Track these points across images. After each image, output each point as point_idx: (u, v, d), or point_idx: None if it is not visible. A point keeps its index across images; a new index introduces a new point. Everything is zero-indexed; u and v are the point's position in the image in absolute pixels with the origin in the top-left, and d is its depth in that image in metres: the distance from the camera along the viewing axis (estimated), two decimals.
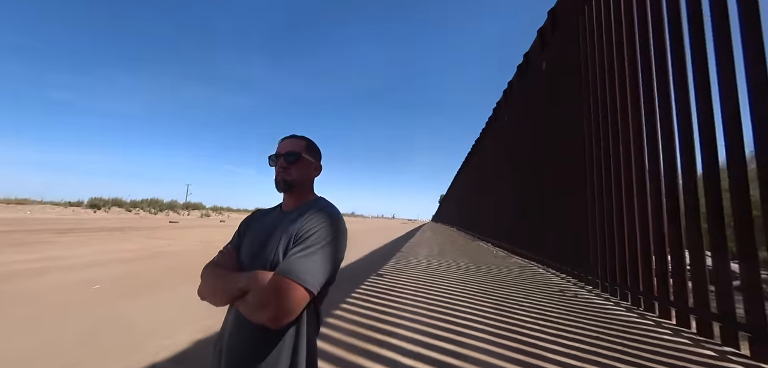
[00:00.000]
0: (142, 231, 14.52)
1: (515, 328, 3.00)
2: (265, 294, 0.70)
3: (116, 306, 3.62)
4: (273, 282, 0.71)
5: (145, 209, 36.50)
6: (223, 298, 0.77)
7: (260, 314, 0.70)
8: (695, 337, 2.99)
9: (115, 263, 6.45)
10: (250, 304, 0.71)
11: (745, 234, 2.69)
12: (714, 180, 3.02)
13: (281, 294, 0.70)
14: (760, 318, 2.53)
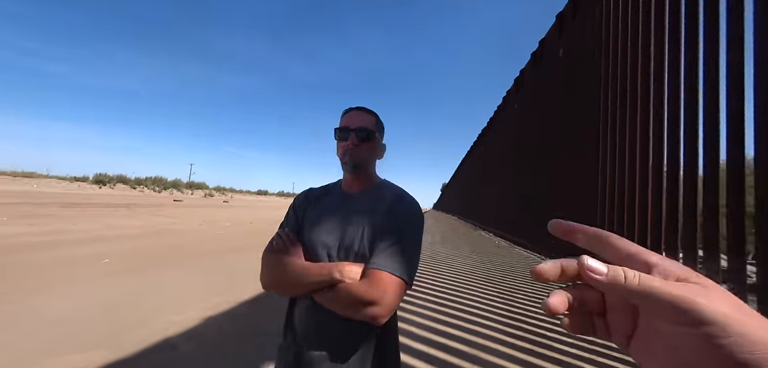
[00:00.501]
0: (148, 209, 14.67)
1: (522, 318, 3.01)
2: (371, 290, 0.65)
3: (126, 280, 3.67)
4: (379, 277, 0.66)
5: (149, 187, 36.86)
6: (299, 290, 0.71)
7: (362, 310, 0.65)
8: None
9: (123, 239, 6.53)
10: (346, 299, 0.66)
11: (763, 236, 2.64)
12: (738, 178, 2.94)
13: (388, 289, 0.66)
14: None
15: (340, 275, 0.67)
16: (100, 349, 2.11)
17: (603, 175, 5.23)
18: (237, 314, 2.89)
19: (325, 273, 0.68)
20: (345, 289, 0.66)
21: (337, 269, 0.68)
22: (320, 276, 0.68)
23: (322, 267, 0.69)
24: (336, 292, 0.66)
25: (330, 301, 0.67)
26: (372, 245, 0.72)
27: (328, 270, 0.68)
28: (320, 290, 0.68)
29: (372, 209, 0.76)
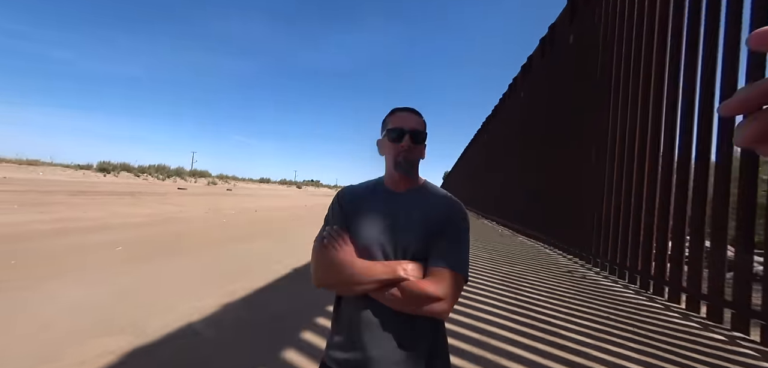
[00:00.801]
0: (152, 197, 14.81)
1: (528, 306, 3.09)
2: (437, 288, 0.69)
3: (139, 268, 3.76)
4: (443, 275, 0.70)
5: (152, 175, 37.03)
6: (361, 289, 0.72)
7: (427, 306, 0.68)
8: (705, 322, 3.06)
9: (131, 227, 6.64)
10: (413, 297, 0.69)
11: None
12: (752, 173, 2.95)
13: (452, 286, 0.70)
14: None
15: (405, 273, 0.70)
16: (126, 334, 2.20)
17: (610, 164, 5.22)
18: (253, 301, 2.98)
19: (389, 272, 0.71)
20: (412, 287, 0.69)
21: (402, 268, 0.71)
22: (385, 275, 0.70)
23: (387, 266, 0.72)
24: (402, 290, 0.69)
25: (393, 299, 0.70)
26: (428, 244, 0.75)
27: (392, 269, 0.71)
28: (381, 288, 0.71)
29: (423, 209, 0.78)
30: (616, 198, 4.85)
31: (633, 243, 4.44)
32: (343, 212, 0.83)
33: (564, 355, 2.12)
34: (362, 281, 0.71)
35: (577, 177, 6.13)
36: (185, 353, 2.01)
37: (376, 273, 0.71)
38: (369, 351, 0.72)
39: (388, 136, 0.81)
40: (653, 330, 2.69)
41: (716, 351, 2.39)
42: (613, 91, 5.11)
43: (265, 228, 8.22)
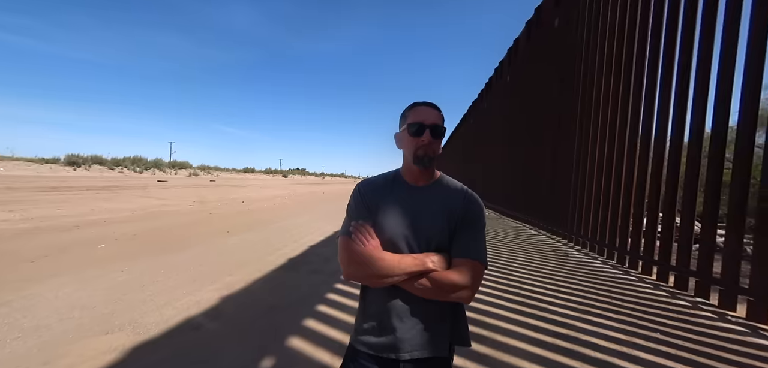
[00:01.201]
0: (131, 191, 14.16)
1: (516, 284, 3.28)
2: (463, 277, 0.75)
3: (129, 265, 3.67)
4: (468, 265, 0.77)
5: (128, 167, 35.14)
6: (391, 280, 0.76)
7: (453, 294, 0.75)
8: (672, 290, 3.37)
9: (112, 223, 6.38)
10: (441, 286, 0.75)
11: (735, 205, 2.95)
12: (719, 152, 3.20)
13: (476, 275, 0.77)
14: (734, 276, 2.87)
15: (433, 264, 0.76)
16: (125, 331, 2.18)
17: (593, 146, 5.46)
18: (251, 292, 3.00)
19: (419, 264, 0.76)
20: (440, 277, 0.75)
21: (430, 260, 0.76)
22: (415, 267, 0.75)
23: (416, 258, 0.77)
24: (431, 280, 0.75)
25: (422, 289, 0.76)
26: (451, 235, 0.80)
27: (421, 260, 0.76)
28: (410, 279, 0.76)
29: (444, 202, 0.83)
30: (598, 179, 5.12)
31: (612, 221, 4.74)
32: (366, 206, 0.85)
33: (550, 328, 2.30)
34: (393, 273, 0.75)
35: (559, 159, 6.39)
36: (189, 346, 2.02)
37: (406, 266, 0.75)
38: (399, 333, 0.78)
39: (408, 130, 0.82)
40: (629, 301, 2.94)
41: (681, 316, 2.66)
42: (596, 75, 5.30)
43: (255, 218, 8.10)
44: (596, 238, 5.01)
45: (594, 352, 1.99)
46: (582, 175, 5.56)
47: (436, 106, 0.85)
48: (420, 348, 0.78)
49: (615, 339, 2.17)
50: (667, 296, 3.16)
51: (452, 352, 0.86)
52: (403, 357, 0.78)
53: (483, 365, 1.83)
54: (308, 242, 5.36)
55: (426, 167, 0.83)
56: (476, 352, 1.95)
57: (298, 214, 9.49)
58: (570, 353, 1.98)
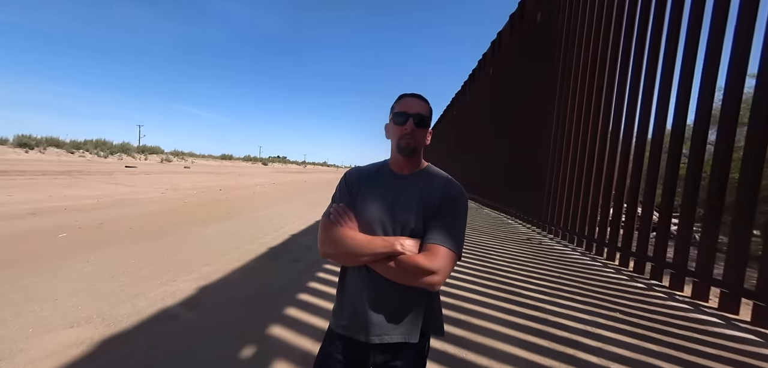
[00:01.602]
0: (96, 176, 13.17)
1: (493, 270, 3.44)
2: (431, 262, 0.74)
3: (96, 254, 3.45)
4: (437, 250, 0.77)
5: (91, 151, 32.50)
6: (361, 260, 0.78)
7: (421, 278, 0.74)
8: (631, 274, 3.68)
9: (75, 211, 5.93)
10: (408, 269, 0.75)
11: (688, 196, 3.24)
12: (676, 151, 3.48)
13: (445, 261, 0.76)
14: (683, 260, 3.17)
15: (402, 248, 0.77)
16: (93, 324, 2.07)
17: (567, 140, 5.72)
18: (231, 282, 2.93)
19: (388, 245, 0.77)
20: (408, 261, 0.75)
21: (399, 242, 0.77)
22: (384, 248, 0.76)
23: (386, 240, 0.78)
24: (398, 263, 0.76)
25: (390, 271, 0.77)
26: (427, 223, 0.81)
27: (390, 243, 0.77)
28: (380, 261, 0.77)
29: (424, 191, 0.84)
30: (571, 171, 5.40)
31: (582, 211, 5.04)
32: (349, 191, 0.88)
33: (523, 311, 2.45)
34: (362, 253, 0.77)
35: (536, 152, 6.66)
36: (166, 337, 1.96)
37: (375, 247, 0.77)
38: (371, 318, 0.80)
39: (393, 120, 0.86)
40: (594, 285, 3.18)
41: (638, 297, 2.92)
42: (572, 72, 5.53)
43: (234, 207, 7.84)
44: (568, 227, 5.32)
45: (561, 332, 2.15)
46: (557, 168, 5.85)
47: (422, 97, 0.86)
48: (389, 332, 0.80)
49: (580, 319, 2.35)
50: (627, 279, 3.44)
51: (427, 340, 0.89)
52: (372, 340, 0.80)
53: (460, 347, 1.92)
54: (289, 231, 5.29)
55: (408, 156, 0.85)
56: (453, 335, 2.04)
57: (278, 203, 9.29)
58: (540, 333, 2.12)
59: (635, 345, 2.03)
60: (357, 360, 0.84)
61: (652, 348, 2.01)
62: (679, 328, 2.32)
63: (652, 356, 1.92)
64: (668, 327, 2.33)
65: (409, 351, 0.84)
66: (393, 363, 0.83)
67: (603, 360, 1.86)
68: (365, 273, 0.82)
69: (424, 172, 0.89)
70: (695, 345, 2.09)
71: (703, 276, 2.96)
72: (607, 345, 2.02)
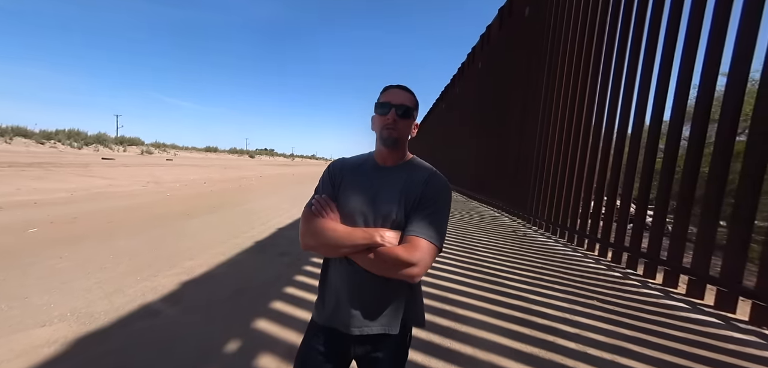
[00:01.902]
0: (70, 169, 12.50)
1: (478, 262, 3.52)
2: (410, 254, 0.74)
3: (71, 250, 3.29)
4: (417, 243, 0.76)
5: (64, 142, 30.78)
6: (341, 252, 0.78)
7: (401, 270, 0.74)
8: (609, 264, 3.85)
9: (47, 205, 5.63)
10: (388, 261, 0.74)
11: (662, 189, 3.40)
12: (652, 144, 3.62)
13: (425, 253, 0.75)
14: (656, 250, 3.34)
15: (382, 239, 0.76)
16: (67, 322, 1.98)
17: (552, 135, 5.85)
18: (215, 276, 2.87)
19: (367, 237, 0.76)
20: (387, 252, 0.75)
21: (379, 234, 0.76)
22: (364, 240, 0.76)
23: (366, 232, 0.77)
24: (378, 254, 0.75)
25: (370, 262, 0.76)
26: (408, 215, 0.81)
27: (370, 234, 0.76)
28: (360, 252, 0.76)
29: (407, 183, 0.83)
30: (555, 165, 5.55)
31: (564, 204, 5.21)
32: (332, 183, 0.88)
33: (506, 300, 2.52)
34: (342, 244, 0.76)
35: (523, 146, 6.81)
36: (146, 334, 1.90)
37: (355, 239, 0.76)
38: (351, 309, 0.80)
39: (377, 110, 0.85)
40: (574, 274, 3.31)
41: (614, 285, 3.06)
42: (558, 68, 5.64)
43: (219, 200, 7.64)
44: (551, 220, 5.49)
45: (542, 320, 2.23)
46: (541, 162, 5.99)
47: (407, 89, 0.85)
48: (369, 324, 0.81)
49: (560, 307, 2.44)
50: (605, 269, 3.60)
51: (408, 332, 0.90)
52: (352, 331, 0.80)
53: (444, 336, 1.96)
54: (276, 224, 5.21)
55: (390, 147, 0.84)
56: (438, 325, 2.08)
57: (265, 196, 9.12)
58: (522, 322, 2.19)
59: (610, 330, 2.14)
60: (338, 352, 0.84)
61: (625, 332, 2.12)
62: (650, 314, 2.46)
63: (625, 340, 2.03)
64: (641, 312, 2.46)
65: (389, 342, 0.84)
66: (373, 355, 0.84)
67: (580, 345, 1.94)
68: (346, 265, 0.81)
69: (408, 163, 0.88)
70: (664, 328, 2.22)
71: (674, 264, 3.14)
72: (584, 331, 2.11)
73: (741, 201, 2.63)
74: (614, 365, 1.78)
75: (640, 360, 1.82)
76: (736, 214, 2.66)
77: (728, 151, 2.80)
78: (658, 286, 3.16)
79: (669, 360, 1.85)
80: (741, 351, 2.00)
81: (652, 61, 3.72)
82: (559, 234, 5.24)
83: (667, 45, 3.53)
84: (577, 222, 4.82)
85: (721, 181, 2.82)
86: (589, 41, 4.88)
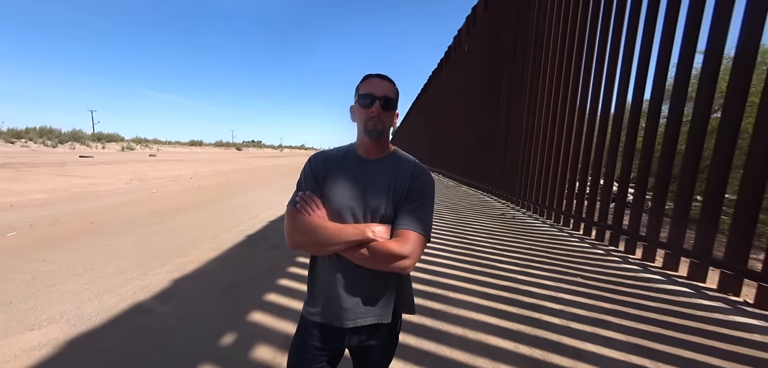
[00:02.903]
0: (45, 168, 11.94)
1: (468, 246, 3.62)
2: (402, 247, 0.75)
3: (55, 253, 3.20)
4: (407, 235, 0.77)
5: (35, 140, 29.21)
6: (332, 249, 0.78)
7: (392, 263, 0.75)
8: (593, 242, 4.02)
9: (24, 207, 5.40)
10: (380, 255, 0.75)
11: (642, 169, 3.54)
12: (633, 123, 3.74)
13: (415, 245, 0.77)
14: (636, 226, 3.51)
15: (374, 234, 0.77)
16: (58, 324, 1.95)
17: (538, 117, 5.94)
18: (207, 272, 2.86)
19: (359, 233, 0.77)
20: (379, 247, 0.76)
21: (370, 229, 0.78)
22: (355, 236, 0.77)
23: (357, 228, 0.78)
24: (371, 250, 0.76)
25: (362, 258, 0.77)
26: (396, 208, 0.82)
27: (361, 230, 0.77)
28: (351, 248, 0.77)
29: (393, 176, 0.84)
30: (541, 147, 5.67)
31: (551, 185, 5.35)
32: (315, 177, 0.86)
33: (496, 282, 2.62)
34: (333, 242, 0.77)
35: (510, 129, 6.90)
36: (139, 332, 1.90)
37: (346, 235, 0.77)
38: (343, 303, 0.82)
39: (359, 102, 0.83)
40: (559, 254, 3.45)
41: (597, 262, 3.21)
42: (544, 49, 5.67)
43: (207, 195, 7.50)
44: (538, 201, 5.65)
45: (529, 298, 2.34)
46: (528, 144, 6.11)
47: (388, 78, 0.84)
48: (363, 315, 0.83)
49: (546, 286, 2.56)
50: (589, 247, 3.76)
51: (399, 318, 0.93)
52: (346, 325, 0.82)
53: (435, 319, 2.04)
54: (267, 218, 5.18)
55: (375, 139, 0.84)
56: (429, 308, 2.16)
57: (255, 189, 9.00)
58: (510, 301, 2.29)
59: (591, 304, 2.26)
60: (333, 345, 0.86)
61: (605, 306, 2.25)
62: (628, 287, 2.61)
63: (605, 313, 2.15)
64: (620, 286, 2.61)
65: (382, 330, 0.87)
66: (367, 343, 0.87)
67: (563, 320, 2.06)
68: (335, 260, 0.82)
69: (391, 155, 0.89)
70: (640, 300, 2.37)
71: (651, 239, 3.31)
72: (568, 307, 2.23)
73: (713, 176, 2.78)
74: (594, 336, 1.90)
75: (617, 331, 1.95)
76: (709, 189, 2.81)
77: (703, 128, 2.93)
78: (637, 261, 3.33)
79: (643, 329, 1.98)
80: (708, 317, 2.17)
81: (634, 40, 3.79)
82: (546, 216, 5.41)
83: (647, 24, 3.59)
84: (563, 203, 4.98)
85: (695, 157, 2.96)
86: (572, 21, 4.91)
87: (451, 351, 1.74)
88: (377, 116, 0.81)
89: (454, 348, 1.76)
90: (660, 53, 3.40)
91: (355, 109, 0.86)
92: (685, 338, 1.90)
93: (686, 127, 3.18)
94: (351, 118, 0.89)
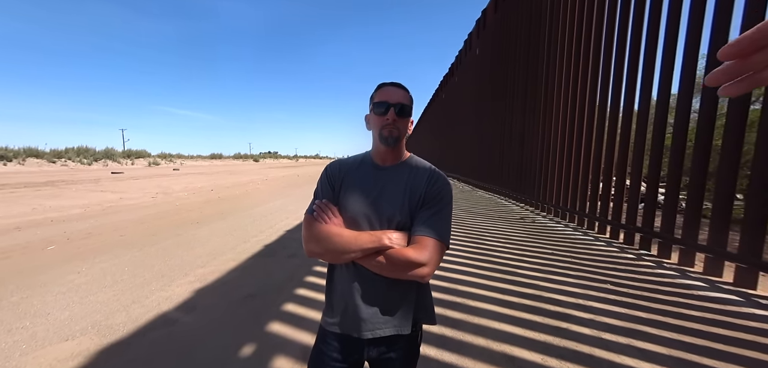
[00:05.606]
0: (81, 185, 12.81)
1: (488, 252, 3.50)
2: (420, 254, 0.73)
3: (87, 265, 3.39)
4: (425, 242, 0.75)
5: (73, 159, 31.49)
6: (349, 257, 0.76)
7: (411, 271, 0.73)
8: (621, 245, 3.78)
9: (62, 222, 5.78)
10: (398, 263, 0.74)
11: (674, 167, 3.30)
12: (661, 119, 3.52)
13: (434, 252, 0.75)
14: (670, 230, 3.27)
15: (390, 241, 0.75)
16: (89, 335, 2.04)
17: (556, 117, 5.73)
18: (227, 282, 2.92)
19: (375, 240, 0.75)
20: (396, 254, 0.74)
21: (387, 236, 0.76)
22: (371, 243, 0.75)
23: (373, 236, 0.76)
24: (387, 257, 0.74)
25: (380, 266, 0.75)
26: (412, 215, 0.80)
27: (378, 237, 0.76)
28: (368, 256, 0.76)
29: (409, 182, 0.82)
30: (561, 148, 5.45)
31: (573, 187, 5.13)
32: (331, 187, 0.86)
33: (517, 289, 2.51)
34: (350, 250, 0.75)
35: (526, 131, 6.69)
36: (164, 343, 1.95)
37: (362, 243, 0.75)
38: (361, 313, 0.80)
39: (374, 110, 0.83)
40: (586, 258, 3.26)
41: (627, 267, 3.01)
42: (559, 46, 5.50)
43: (227, 206, 7.74)
44: (560, 204, 5.42)
45: (555, 307, 2.21)
46: (546, 145, 5.90)
47: (402, 86, 0.84)
48: (381, 326, 0.80)
49: (573, 293, 2.41)
50: (618, 251, 3.54)
51: (419, 330, 0.89)
52: (365, 335, 0.80)
53: (457, 329, 1.96)
54: (284, 227, 5.26)
55: (391, 146, 0.83)
56: (450, 318, 2.08)
57: (272, 199, 9.21)
58: (534, 310, 2.18)
59: (625, 314, 2.11)
60: (352, 357, 0.84)
61: (641, 315, 2.09)
62: (666, 294, 2.41)
63: (642, 323, 2.00)
64: (656, 294, 2.42)
65: (402, 342, 0.84)
66: (387, 356, 0.84)
67: (594, 330, 1.92)
68: (353, 269, 0.81)
69: (407, 162, 0.87)
70: (681, 309, 2.18)
71: (689, 242, 3.07)
72: (599, 315, 2.09)
73: (756, 174, 2.55)
74: (630, 348, 1.76)
75: (657, 343, 1.80)
76: (752, 187, 2.58)
77: (742, 121, 2.71)
78: (674, 266, 3.10)
79: (687, 341, 1.82)
80: (763, 329, 1.96)
81: (657, 30, 3.59)
82: (568, 219, 5.18)
83: (671, 11, 3.39)
84: (586, 205, 4.74)
85: (734, 152, 2.74)
86: (589, 14, 4.74)
87: (474, 363, 1.67)
88: (392, 123, 0.81)
89: (478, 360, 1.68)
90: (688, 42, 3.19)
91: (371, 117, 0.85)
92: (739, 352, 1.72)
93: (720, 122, 2.95)
94: (366, 127, 0.89)
